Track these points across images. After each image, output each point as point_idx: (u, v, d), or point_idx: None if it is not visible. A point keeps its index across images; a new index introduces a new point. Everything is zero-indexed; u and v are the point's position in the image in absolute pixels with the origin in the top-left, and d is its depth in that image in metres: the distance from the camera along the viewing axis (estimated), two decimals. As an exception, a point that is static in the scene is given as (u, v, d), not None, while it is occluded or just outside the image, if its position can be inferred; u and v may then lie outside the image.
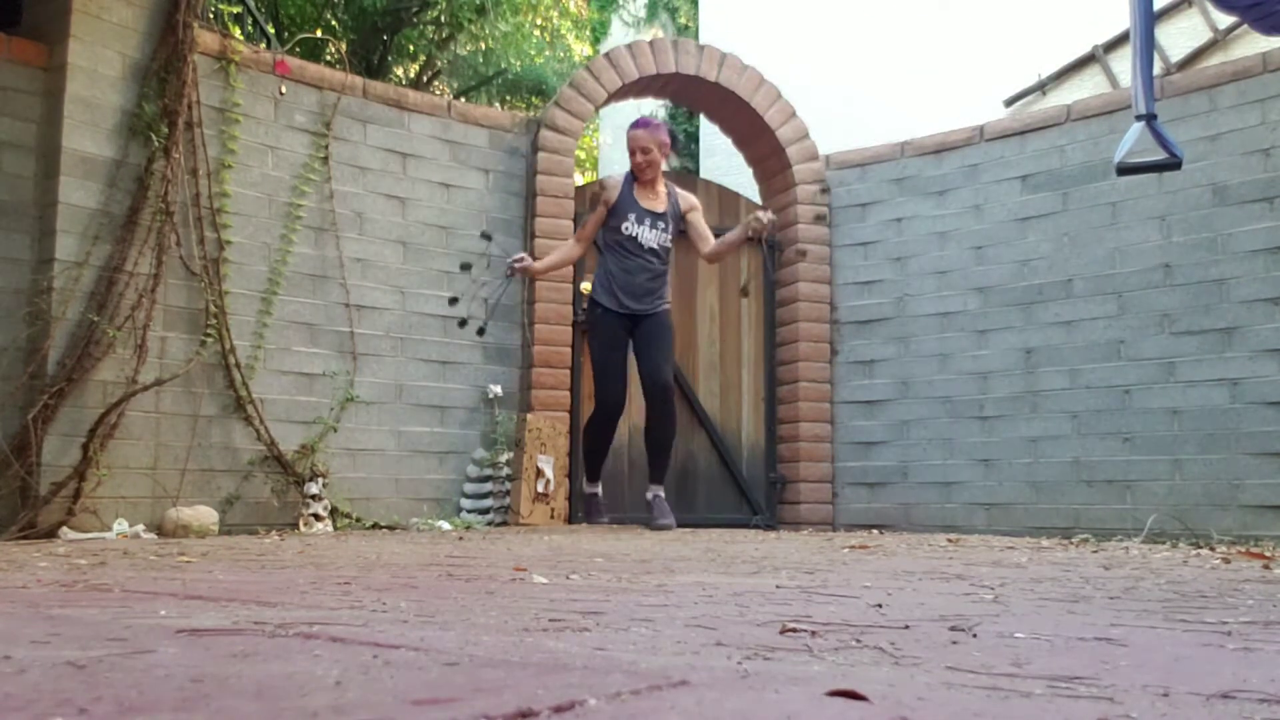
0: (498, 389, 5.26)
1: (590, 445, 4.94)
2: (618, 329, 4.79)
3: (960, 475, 5.37)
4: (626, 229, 4.78)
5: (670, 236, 4.89)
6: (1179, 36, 6.50)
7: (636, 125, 4.96)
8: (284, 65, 4.86)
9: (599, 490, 5.03)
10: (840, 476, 5.76)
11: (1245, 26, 5.13)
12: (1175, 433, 4.73)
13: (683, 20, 10.56)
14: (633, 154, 4.87)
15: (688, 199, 4.97)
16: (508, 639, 1.19)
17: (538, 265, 4.91)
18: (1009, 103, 7.12)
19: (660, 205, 4.88)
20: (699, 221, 4.93)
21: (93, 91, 4.27)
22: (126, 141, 4.34)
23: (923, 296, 5.58)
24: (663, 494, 4.97)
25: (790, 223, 5.89)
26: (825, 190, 5.89)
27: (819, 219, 5.84)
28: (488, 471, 5.18)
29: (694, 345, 5.74)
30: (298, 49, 5.39)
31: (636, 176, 4.89)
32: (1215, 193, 4.74)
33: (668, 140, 4.90)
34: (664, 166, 4.96)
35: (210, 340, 4.47)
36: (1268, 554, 3.33)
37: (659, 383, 4.77)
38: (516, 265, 4.82)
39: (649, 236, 4.86)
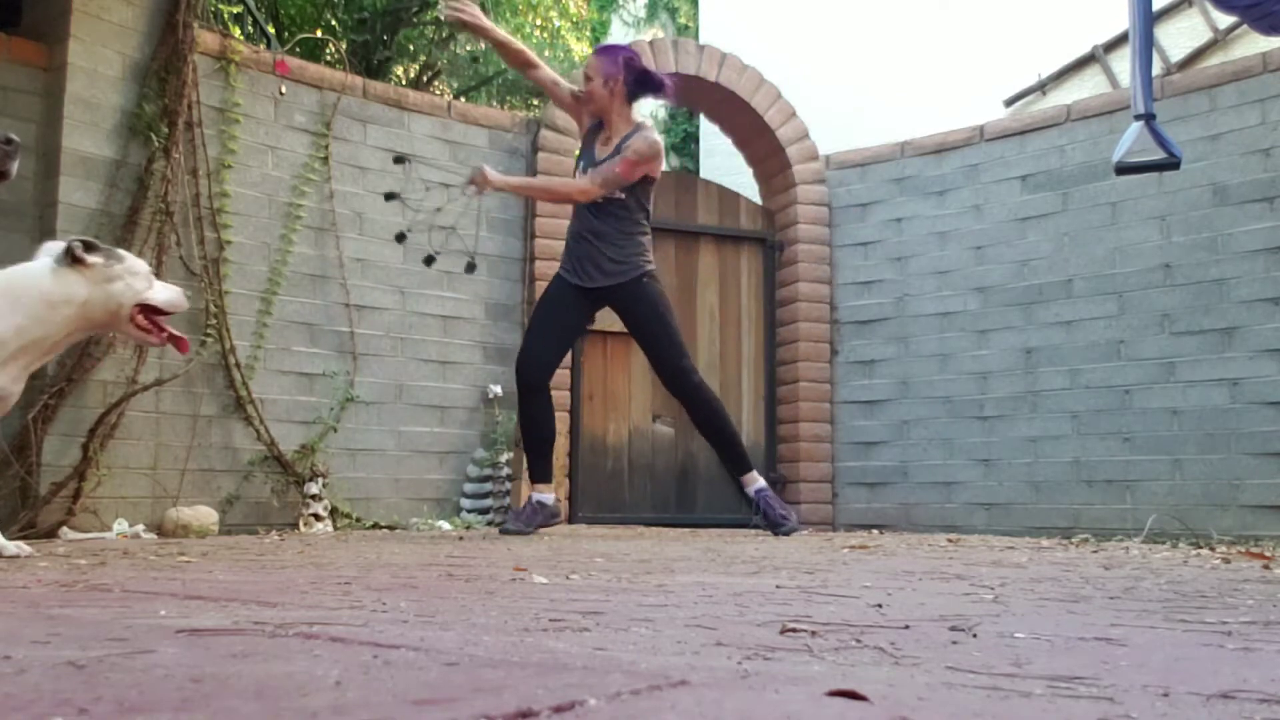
0: (498, 389, 5.26)
1: (531, 427, 4.19)
2: (566, 297, 4.21)
3: (960, 475, 5.37)
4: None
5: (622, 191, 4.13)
6: (1179, 36, 6.50)
7: (596, 51, 4.36)
8: (284, 65, 4.86)
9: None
10: (840, 476, 5.76)
11: (1245, 26, 5.14)
12: (1175, 433, 4.73)
13: (683, 20, 10.56)
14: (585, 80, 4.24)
15: (639, 135, 4.12)
16: (508, 639, 1.19)
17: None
18: (1009, 103, 7.12)
19: (608, 149, 4.15)
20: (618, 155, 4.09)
21: (93, 91, 4.27)
22: (126, 141, 4.34)
23: (923, 296, 5.58)
24: (760, 485, 4.35)
25: (791, 222, 5.89)
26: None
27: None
28: (488, 471, 5.18)
29: (694, 345, 5.74)
30: (298, 49, 5.39)
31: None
32: (1215, 193, 4.74)
33: (617, 71, 4.14)
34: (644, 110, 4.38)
35: (210, 340, 4.47)
36: (1268, 554, 3.33)
37: (674, 373, 4.21)
38: (474, 183, 4.09)
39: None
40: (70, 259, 2.76)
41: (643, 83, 4.20)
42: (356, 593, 1.79)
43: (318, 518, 4.56)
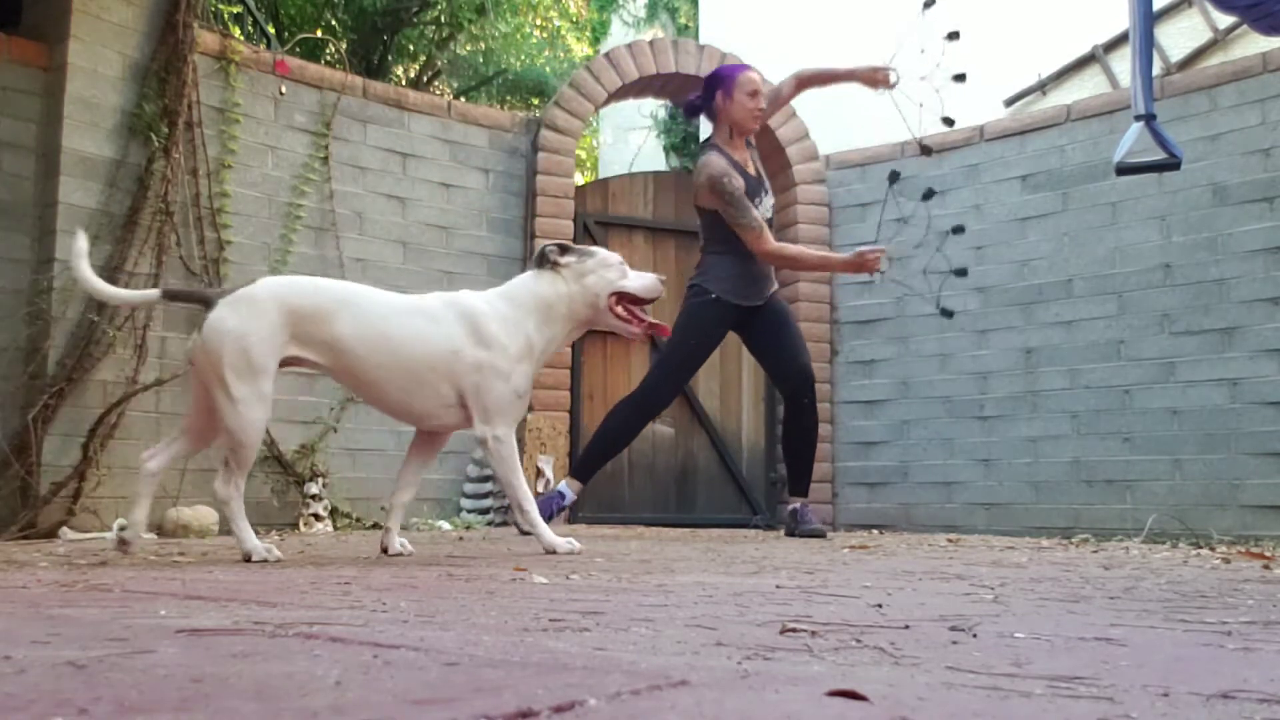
0: (498, 389, 5.25)
1: (617, 439, 4.19)
2: (725, 323, 4.21)
3: (960, 475, 5.37)
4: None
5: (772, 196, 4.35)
6: (1179, 36, 6.49)
7: (743, 67, 4.31)
8: (284, 65, 4.86)
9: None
10: (840, 476, 5.76)
11: (1245, 26, 5.13)
12: (1175, 433, 4.73)
13: (683, 20, 10.55)
14: (752, 95, 4.17)
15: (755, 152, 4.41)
16: (508, 639, 1.19)
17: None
18: (1009, 103, 7.11)
19: (754, 168, 4.31)
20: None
21: (93, 91, 4.27)
22: (126, 141, 4.34)
23: (923, 296, 5.57)
24: (800, 505, 4.41)
25: (791, 222, 5.89)
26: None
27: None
28: (488, 471, 5.18)
29: (694, 345, 5.75)
30: (298, 49, 5.39)
31: (734, 133, 4.24)
32: (1215, 193, 4.74)
33: None
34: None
35: (210, 340, 4.47)
36: (1268, 554, 3.33)
37: (810, 376, 4.23)
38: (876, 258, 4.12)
39: (766, 208, 4.23)
40: (548, 263, 2.98)
41: None
42: (356, 593, 1.79)
43: (318, 518, 4.56)
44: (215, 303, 2.75)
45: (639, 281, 3.04)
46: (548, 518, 4.13)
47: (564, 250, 3.02)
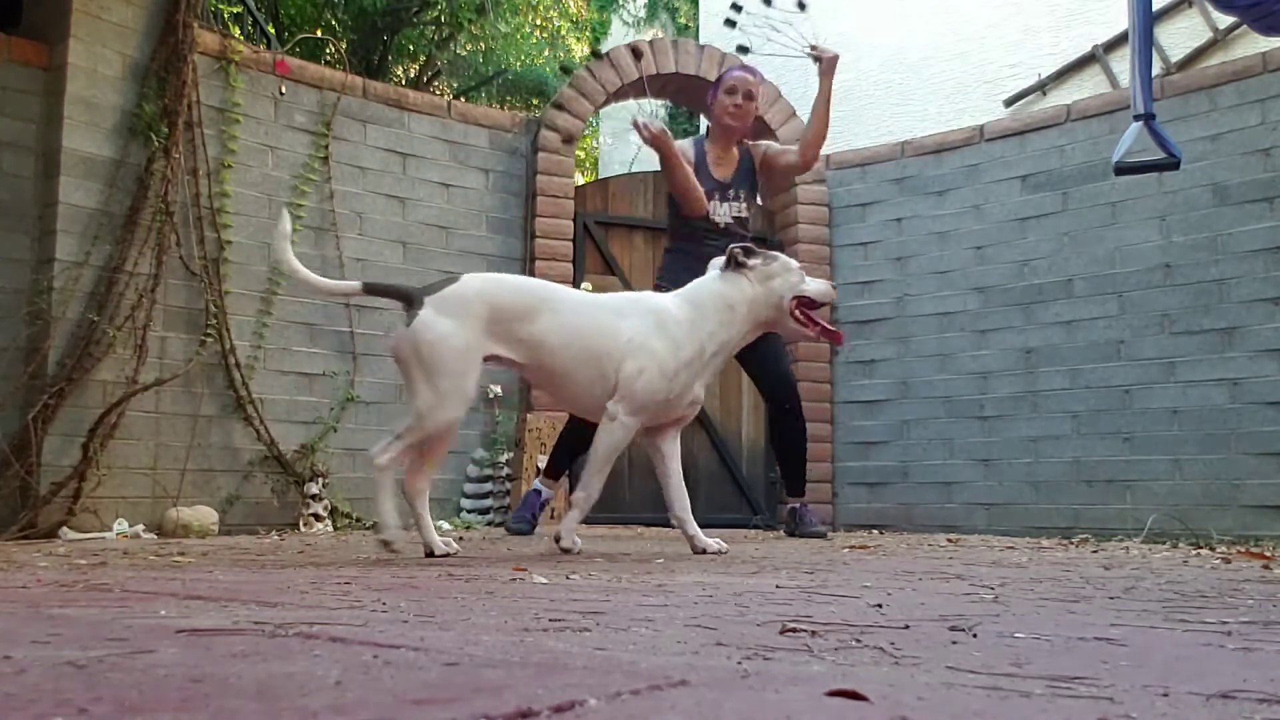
0: (498, 389, 5.26)
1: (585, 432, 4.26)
2: None
3: (960, 475, 5.37)
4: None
5: (748, 205, 4.29)
6: (1179, 36, 6.49)
7: (737, 68, 4.39)
8: (284, 65, 4.86)
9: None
10: (840, 476, 5.76)
11: (1245, 26, 5.13)
12: (1175, 433, 4.73)
13: (683, 20, 10.55)
14: (729, 92, 4.24)
15: (757, 145, 4.39)
16: (508, 639, 1.19)
17: (668, 143, 3.94)
18: (1009, 103, 7.11)
19: (729, 171, 4.28)
20: (777, 149, 4.40)
21: (93, 91, 4.27)
22: (126, 141, 4.34)
23: (923, 296, 5.58)
24: (798, 505, 4.45)
25: (791, 222, 5.89)
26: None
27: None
28: (488, 471, 5.18)
29: (694, 345, 5.73)
30: (298, 49, 5.39)
31: (719, 131, 4.28)
32: (1215, 193, 4.74)
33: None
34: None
35: (210, 340, 4.47)
36: (1268, 554, 3.33)
37: (788, 382, 4.23)
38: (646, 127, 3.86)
39: (722, 212, 4.23)
40: (734, 265, 3.04)
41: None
42: (356, 593, 1.79)
43: (318, 518, 4.56)
44: (420, 301, 2.78)
45: (817, 286, 3.11)
46: (532, 516, 4.23)
47: (748, 253, 3.06)
